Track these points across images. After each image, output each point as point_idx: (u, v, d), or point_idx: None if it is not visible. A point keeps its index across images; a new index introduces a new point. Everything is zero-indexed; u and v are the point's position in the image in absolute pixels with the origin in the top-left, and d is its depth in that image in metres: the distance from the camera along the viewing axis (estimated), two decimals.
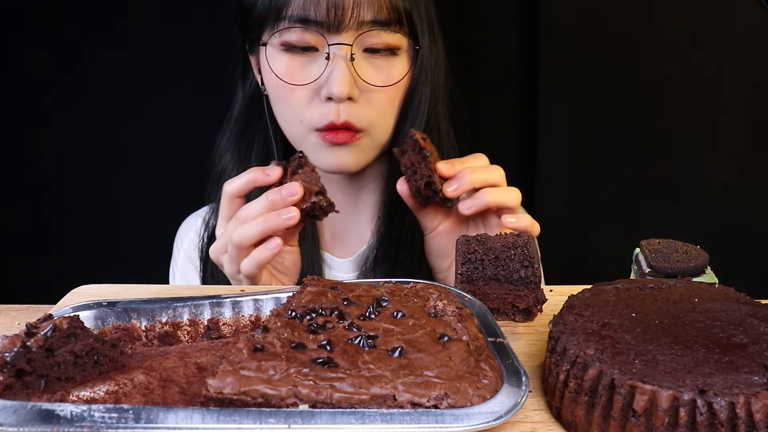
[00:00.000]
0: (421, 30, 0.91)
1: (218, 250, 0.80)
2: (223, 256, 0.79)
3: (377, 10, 0.86)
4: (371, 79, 0.88)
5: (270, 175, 0.77)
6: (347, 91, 0.85)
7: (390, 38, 0.88)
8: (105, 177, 1.30)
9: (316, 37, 0.86)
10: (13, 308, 0.67)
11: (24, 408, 0.43)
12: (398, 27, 0.88)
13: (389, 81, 0.89)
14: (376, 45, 0.88)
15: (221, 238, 0.80)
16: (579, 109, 1.23)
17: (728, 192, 1.24)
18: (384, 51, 0.89)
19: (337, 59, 0.86)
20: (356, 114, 0.88)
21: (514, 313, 0.64)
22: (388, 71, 0.90)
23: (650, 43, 1.20)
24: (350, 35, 0.86)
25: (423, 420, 0.43)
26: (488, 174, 0.79)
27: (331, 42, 0.86)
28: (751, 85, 1.20)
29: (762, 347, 0.46)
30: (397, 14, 0.87)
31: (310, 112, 0.88)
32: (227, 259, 0.78)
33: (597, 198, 1.27)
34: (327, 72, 0.86)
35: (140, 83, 1.25)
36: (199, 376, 0.52)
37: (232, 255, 0.77)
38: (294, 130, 0.92)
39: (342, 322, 0.52)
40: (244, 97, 1.01)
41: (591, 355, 0.46)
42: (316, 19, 0.85)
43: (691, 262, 0.65)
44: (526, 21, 1.21)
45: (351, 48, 0.86)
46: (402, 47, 0.90)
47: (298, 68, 0.88)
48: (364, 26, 0.86)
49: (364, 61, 0.88)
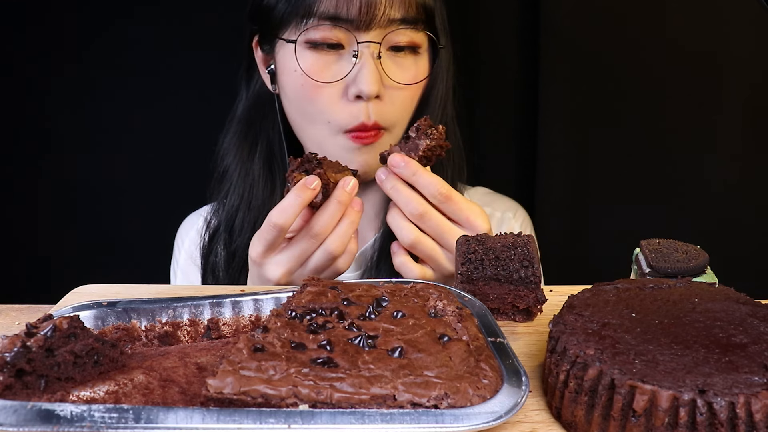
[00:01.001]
0: (441, 29, 0.92)
1: (290, 270, 0.77)
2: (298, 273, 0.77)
3: (407, 9, 0.86)
4: (397, 77, 0.88)
5: (315, 188, 0.74)
6: (377, 89, 0.86)
7: (415, 36, 0.89)
8: (105, 177, 1.30)
9: (345, 34, 0.86)
10: (13, 308, 0.67)
11: (24, 408, 0.43)
12: (424, 26, 0.89)
13: (414, 79, 0.90)
14: (401, 43, 0.88)
15: (290, 261, 0.76)
16: (579, 109, 1.23)
17: (728, 192, 1.24)
18: (407, 49, 0.89)
19: (365, 57, 0.86)
20: (383, 113, 0.88)
21: (514, 313, 0.64)
22: (413, 70, 0.90)
23: (650, 43, 1.20)
24: (379, 33, 0.86)
25: (423, 420, 0.43)
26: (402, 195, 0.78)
27: (360, 40, 0.85)
28: (751, 85, 1.20)
29: (762, 347, 0.46)
30: (425, 13, 0.88)
31: (338, 113, 0.88)
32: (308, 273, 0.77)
33: (597, 198, 1.27)
34: (355, 70, 0.86)
35: (141, 82, 1.25)
36: (199, 376, 0.52)
37: (323, 265, 0.76)
38: (318, 131, 0.91)
39: (342, 322, 0.52)
40: (248, 96, 1.01)
41: (591, 355, 0.46)
42: (347, 16, 0.84)
43: (691, 262, 0.65)
44: (526, 21, 1.21)
45: (379, 46, 0.86)
46: (423, 46, 0.91)
47: (325, 66, 0.87)
48: (392, 24, 0.86)
49: (389, 60, 0.88)
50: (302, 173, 0.75)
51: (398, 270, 0.79)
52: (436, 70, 0.93)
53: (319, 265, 0.77)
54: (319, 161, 0.76)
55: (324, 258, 0.76)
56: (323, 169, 0.75)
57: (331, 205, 0.75)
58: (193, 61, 1.24)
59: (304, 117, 0.92)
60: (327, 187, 0.75)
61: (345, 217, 0.76)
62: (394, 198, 0.77)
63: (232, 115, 1.02)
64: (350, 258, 0.79)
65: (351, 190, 0.76)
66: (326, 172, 0.75)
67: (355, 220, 0.77)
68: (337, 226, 0.76)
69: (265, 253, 0.76)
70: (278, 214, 0.73)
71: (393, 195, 0.77)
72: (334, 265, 0.78)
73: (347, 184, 0.76)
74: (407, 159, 0.76)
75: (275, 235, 0.74)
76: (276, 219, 0.73)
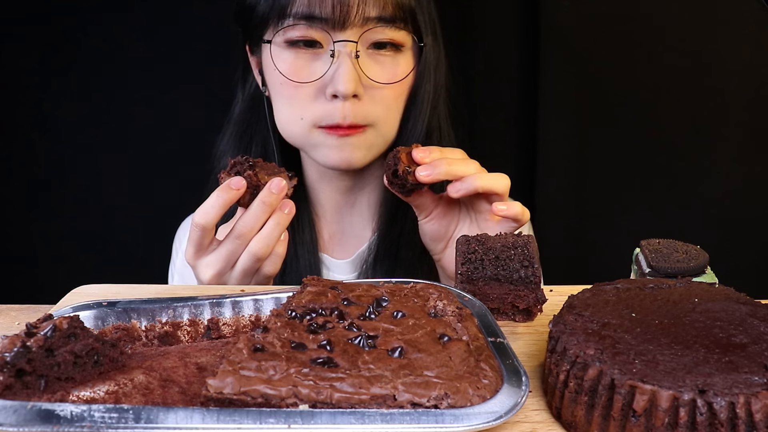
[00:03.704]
0: (425, 28, 0.91)
1: (219, 272, 0.77)
2: (228, 275, 0.77)
3: (382, 7, 0.86)
4: (376, 77, 0.88)
5: (238, 188, 0.74)
6: (353, 88, 0.85)
7: (395, 34, 0.88)
8: (105, 177, 1.30)
9: (321, 34, 0.86)
10: (13, 308, 0.67)
11: (24, 408, 0.43)
12: (403, 24, 0.88)
13: (394, 78, 0.90)
14: (381, 40, 0.88)
15: (219, 263, 0.76)
16: (579, 109, 1.23)
17: (728, 192, 1.24)
18: (389, 47, 0.89)
19: (342, 56, 0.86)
20: (361, 112, 0.88)
21: (514, 313, 0.64)
22: (393, 68, 0.90)
23: (650, 43, 1.20)
24: (355, 32, 0.86)
25: (423, 420, 0.43)
26: (465, 166, 0.78)
27: (336, 39, 0.85)
28: (751, 86, 1.20)
29: (762, 347, 0.46)
30: (401, 11, 0.88)
31: (313, 109, 0.88)
32: (236, 276, 0.77)
33: (597, 198, 1.27)
34: (332, 69, 0.86)
35: (140, 84, 1.25)
36: (199, 376, 0.52)
37: (249, 267, 0.76)
38: (295, 128, 0.91)
39: (342, 322, 0.52)
40: (244, 98, 1.01)
41: (591, 355, 0.46)
42: (321, 15, 0.85)
43: (691, 262, 0.65)
44: (526, 21, 1.21)
45: (356, 45, 0.86)
46: (406, 45, 0.90)
47: (303, 66, 0.88)
48: (369, 23, 0.86)
49: (369, 59, 0.88)
50: (232, 175, 0.75)
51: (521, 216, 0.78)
52: (422, 68, 0.93)
53: (246, 268, 0.76)
54: (252, 163, 0.76)
55: (249, 260, 0.76)
56: (255, 171, 0.75)
57: (254, 206, 0.75)
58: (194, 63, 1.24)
59: (283, 115, 0.92)
60: (258, 188, 0.75)
61: (270, 219, 0.75)
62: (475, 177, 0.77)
63: (228, 117, 1.03)
64: (276, 261, 0.77)
65: (278, 192, 0.74)
66: (257, 174, 0.75)
67: (282, 222, 0.76)
68: (262, 227, 0.75)
69: (196, 255, 0.76)
70: (200, 215, 0.74)
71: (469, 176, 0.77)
72: (261, 268, 0.77)
73: (274, 185, 0.74)
74: (427, 147, 0.78)
75: (200, 235, 0.75)
76: (198, 219, 0.74)
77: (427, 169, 0.76)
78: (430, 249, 0.88)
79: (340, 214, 1.04)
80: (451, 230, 0.84)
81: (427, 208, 0.84)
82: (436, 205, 0.84)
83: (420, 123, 0.93)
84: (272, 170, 0.77)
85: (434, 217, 0.84)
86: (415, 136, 0.94)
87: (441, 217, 0.84)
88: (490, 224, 0.81)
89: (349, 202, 1.03)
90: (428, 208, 0.83)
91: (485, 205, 0.81)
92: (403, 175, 0.77)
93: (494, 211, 0.77)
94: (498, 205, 0.77)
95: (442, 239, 0.85)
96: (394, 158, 0.78)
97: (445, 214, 0.84)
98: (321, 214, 1.04)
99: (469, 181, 0.77)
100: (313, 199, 1.03)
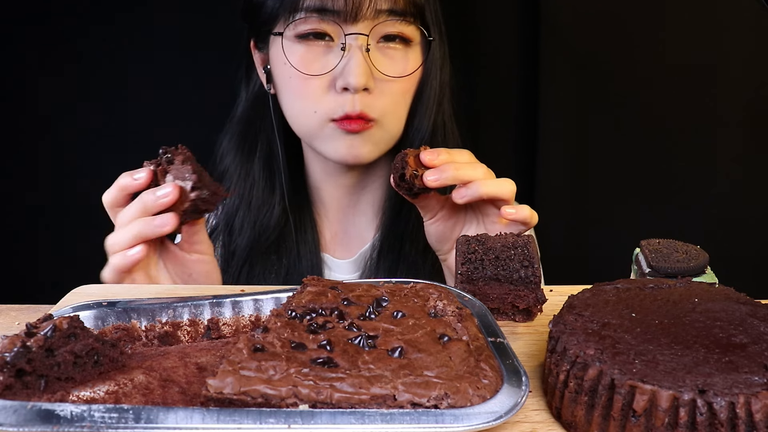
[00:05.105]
0: (432, 24, 0.92)
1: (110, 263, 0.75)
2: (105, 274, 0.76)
3: (394, 1, 0.87)
4: (386, 70, 0.88)
5: (137, 179, 0.73)
6: (364, 81, 0.85)
7: (405, 28, 0.89)
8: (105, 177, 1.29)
9: (332, 27, 0.86)
10: (13, 308, 0.67)
11: (24, 408, 0.43)
12: (412, 19, 0.89)
13: (404, 72, 0.90)
14: (392, 33, 0.88)
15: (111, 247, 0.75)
16: (579, 108, 1.23)
17: (728, 192, 1.24)
18: (398, 41, 0.89)
19: (353, 50, 0.86)
20: (370, 104, 0.88)
21: (514, 313, 0.64)
22: (403, 63, 0.90)
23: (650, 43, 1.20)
24: (366, 25, 0.86)
25: (423, 420, 0.43)
26: (472, 171, 0.78)
27: (347, 32, 0.86)
28: (751, 86, 1.20)
29: (762, 347, 0.46)
30: (412, 6, 0.88)
31: (325, 103, 0.88)
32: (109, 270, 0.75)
33: (597, 198, 1.27)
34: (343, 62, 0.86)
35: (141, 83, 1.25)
36: (199, 376, 0.52)
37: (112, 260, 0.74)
38: (307, 121, 0.91)
39: (342, 322, 0.52)
40: (247, 97, 1.02)
41: (591, 355, 0.46)
42: (333, 8, 0.85)
43: (691, 262, 0.65)
44: (526, 21, 1.21)
45: (367, 39, 0.86)
46: (414, 40, 0.91)
47: (314, 59, 0.88)
48: (380, 16, 0.86)
49: (379, 53, 0.89)
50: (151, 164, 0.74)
51: (530, 219, 0.78)
52: (429, 65, 0.93)
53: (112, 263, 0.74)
54: (170, 159, 0.72)
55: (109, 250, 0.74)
56: (166, 166, 0.72)
57: (135, 201, 0.73)
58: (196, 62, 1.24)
59: (294, 109, 0.92)
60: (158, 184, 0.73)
61: (137, 220, 0.72)
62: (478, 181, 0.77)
63: (231, 116, 1.03)
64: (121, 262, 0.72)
65: (159, 196, 0.71)
66: (166, 171, 0.72)
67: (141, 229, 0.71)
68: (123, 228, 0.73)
69: None
70: (105, 193, 0.76)
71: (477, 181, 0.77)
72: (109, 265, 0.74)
73: (159, 190, 0.71)
74: (435, 150, 0.78)
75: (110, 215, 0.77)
76: (104, 196, 0.76)
77: (434, 174, 0.76)
78: (436, 249, 0.88)
79: (343, 213, 1.04)
80: (457, 231, 0.84)
81: (433, 210, 0.84)
82: (442, 207, 0.84)
83: (426, 120, 0.94)
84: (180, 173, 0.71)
85: (440, 218, 0.84)
86: (420, 133, 0.94)
87: (446, 219, 0.84)
88: (497, 227, 0.81)
89: (352, 202, 1.03)
90: (434, 209, 0.84)
91: (492, 209, 0.81)
92: (410, 179, 0.77)
93: (503, 214, 0.78)
94: (507, 209, 0.77)
95: (448, 240, 0.85)
96: (401, 161, 0.77)
97: (451, 216, 0.84)
98: (323, 213, 1.04)
99: (474, 188, 0.77)
100: (316, 199, 1.04)
